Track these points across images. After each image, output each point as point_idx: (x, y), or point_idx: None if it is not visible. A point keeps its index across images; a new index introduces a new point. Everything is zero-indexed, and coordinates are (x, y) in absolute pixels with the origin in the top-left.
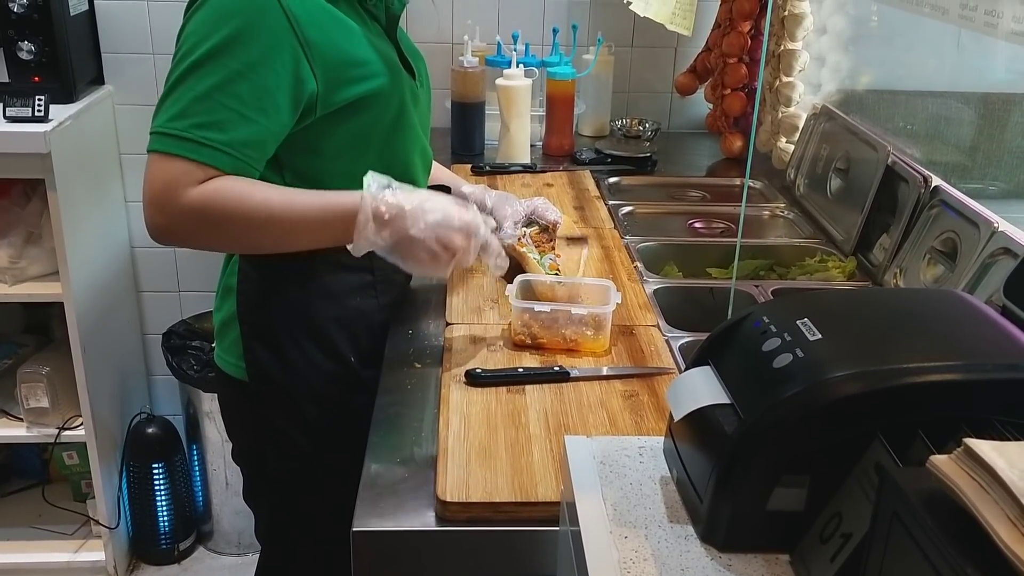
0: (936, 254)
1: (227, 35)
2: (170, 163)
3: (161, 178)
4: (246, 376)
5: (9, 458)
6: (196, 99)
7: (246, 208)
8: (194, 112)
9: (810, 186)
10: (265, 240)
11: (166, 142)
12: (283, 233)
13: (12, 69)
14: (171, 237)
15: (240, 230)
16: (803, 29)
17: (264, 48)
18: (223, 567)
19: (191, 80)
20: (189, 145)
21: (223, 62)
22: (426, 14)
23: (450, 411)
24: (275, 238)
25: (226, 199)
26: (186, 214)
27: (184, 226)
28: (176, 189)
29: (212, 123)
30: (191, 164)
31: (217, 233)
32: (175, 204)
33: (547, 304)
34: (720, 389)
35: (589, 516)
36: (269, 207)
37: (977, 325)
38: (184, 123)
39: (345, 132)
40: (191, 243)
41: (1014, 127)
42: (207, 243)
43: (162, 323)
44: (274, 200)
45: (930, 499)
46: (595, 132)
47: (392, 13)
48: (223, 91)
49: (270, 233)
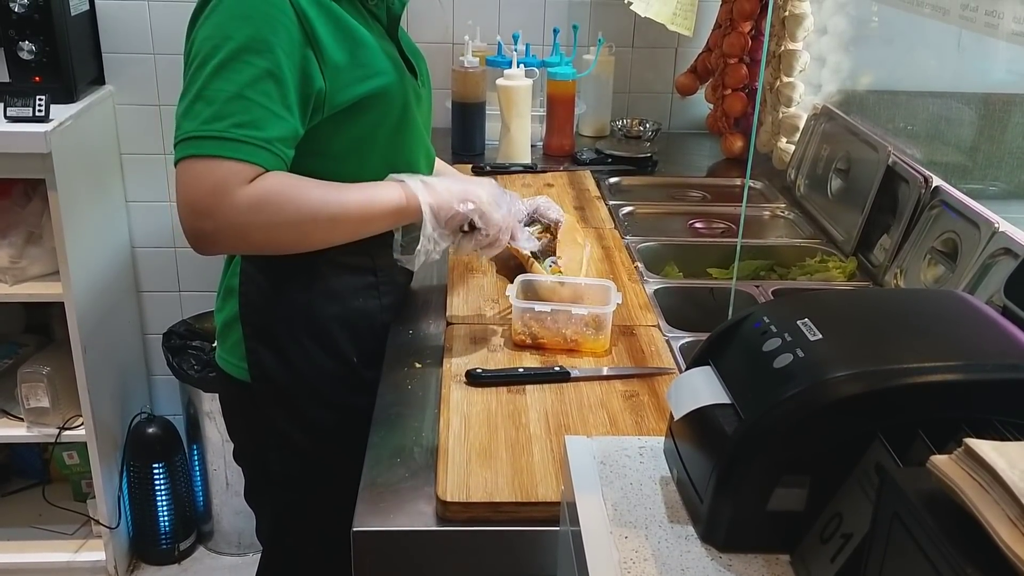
0: (936, 254)
1: (248, 36)
2: (215, 165)
3: (208, 181)
4: (248, 377)
5: (9, 458)
6: (230, 99)
7: (299, 201)
8: (230, 112)
9: (810, 186)
10: (317, 233)
11: (205, 145)
12: (336, 223)
13: (13, 69)
14: (219, 243)
15: (294, 225)
16: (804, 29)
17: (284, 47)
18: (223, 567)
19: (218, 82)
20: (233, 145)
21: (249, 61)
22: (426, 14)
23: (450, 411)
24: (328, 230)
25: (280, 193)
26: (239, 215)
27: (236, 228)
28: (226, 191)
29: (251, 122)
30: (240, 164)
31: (269, 231)
32: (226, 206)
33: (547, 304)
34: (720, 389)
35: (589, 516)
36: (321, 197)
37: (978, 325)
38: (222, 124)
39: (350, 133)
40: (239, 246)
41: (1014, 128)
42: (257, 244)
43: (163, 323)
44: (323, 189)
45: (930, 499)
46: (596, 132)
47: (393, 13)
48: (254, 89)
49: (323, 225)
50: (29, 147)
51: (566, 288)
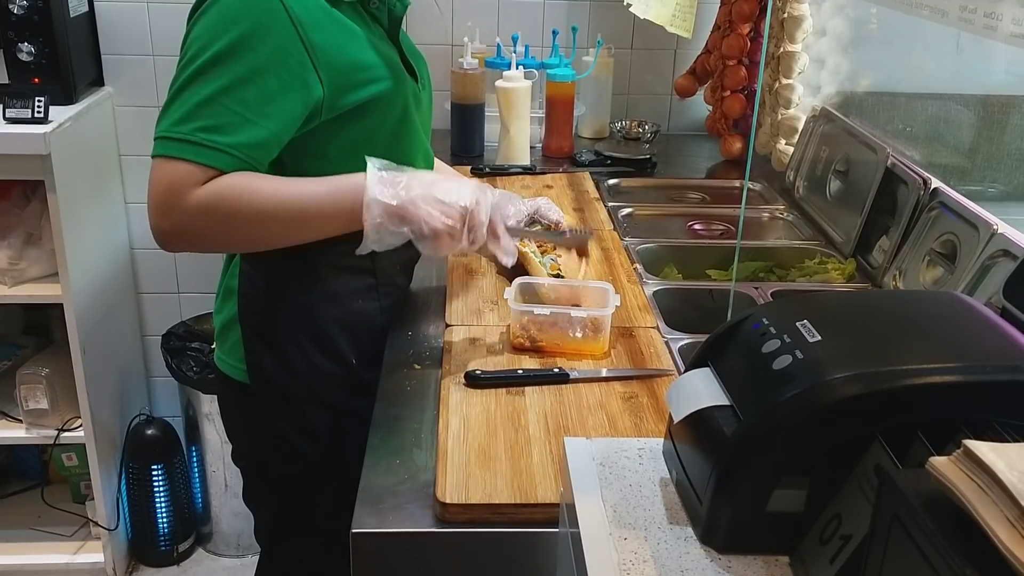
0: (935, 256)
1: (232, 40)
2: (174, 166)
3: (165, 181)
4: (247, 378)
5: (8, 459)
6: (201, 103)
7: (254, 199)
8: (198, 116)
9: (809, 188)
10: (274, 232)
11: (169, 146)
12: (292, 222)
13: (12, 70)
14: (178, 241)
15: (249, 224)
16: (802, 31)
17: (270, 53)
18: (222, 569)
19: (196, 85)
20: (193, 148)
21: (228, 67)
22: (427, 16)
23: (450, 413)
24: (285, 228)
25: (232, 193)
26: (193, 215)
27: (191, 228)
28: (180, 191)
29: (217, 126)
30: (195, 166)
31: (225, 230)
32: (180, 206)
33: (546, 307)
34: (720, 391)
35: (589, 518)
36: (277, 197)
37: (976, 327)
38: (188, 127)
39: (349, 136)
40: (199, 245)
41: (1013, 129)
42: (215, 243)
43: (161, 324)
44: (281, 190)
45: (929, 501)
46: (595, 134)
47: (394, 15)
48: (228, 95)
49: (279, 223)
50: (28, 148)
51: (564, 290)
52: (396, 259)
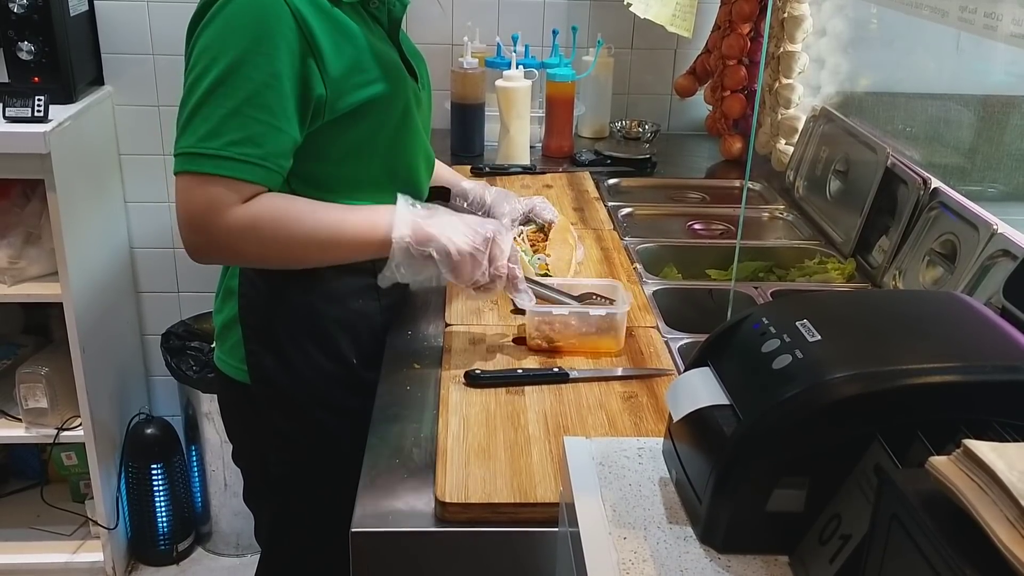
0: (935, 256)
1: (245, 48)
2: (210, 183)
3: (203, 200)
4: (247, 379)
5: (8, 459)
6: (227, 116)
7: (292, 222)
8: (228, 129)
9: (809, 188)
10: (309, 254)
11: (202, 163)
12: (328, 246)
13: (12, 69)
14: (213, 256)
15: (286, 246)
16: (803, 31)
17: (282, 56)
18: (222, 568)
19: (217, 96)
20: (228, 164)
21: (247, 75)
22: (427, 15)
23: (449, 412)
24: (319, 251)
25: (273, 216)
26: (232, 234)
27: (229, 246)
28: (220, 210)
29: (247, 138)
30: (233, 182)
31: (262, 250)
32: (220, 224)
33: (565, 307)
34: (719, 390)
35: (588, 517)
36: (315, 220)
37: (976, 327)
38: (219, 142)
39: (351, 137)
40: (233, 261)
41: (1013, 129)
42: (250, 260)
43: (161, 324)
44: (319, 213)
45: (929, 500)
46: (595, 134)
47: (394, 16)
48: (252, 104)
49: (315, 247)
50: (28, 147)
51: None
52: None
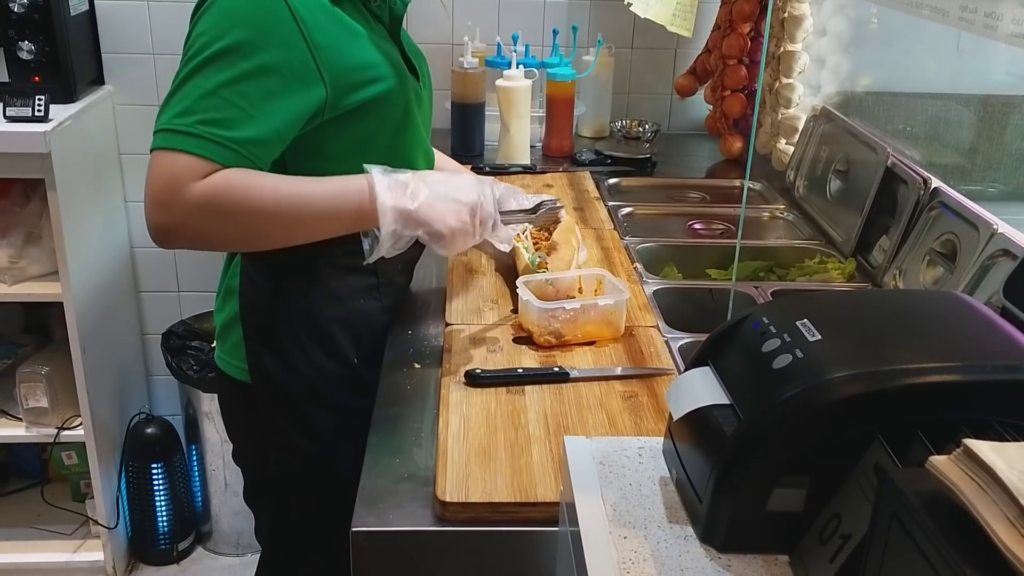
0: (935, 256)
1: (238, 38)
2: (173, 158)
3: (164, 174)
4: (248, 378)
5: (8, 458)
6: (203, 96)
7: (255, 197)
8: (200, 109)
9: (810, 188)
10: (274, 231)
11: (169, 138)
12: (293, 221)
13: (12, 69)
14: (175, 237)
15: (249, 222)
16: (803, 31)
17: (274, 52)
18: (222, 567)
19: (198, 78)
20: (194, 140)
21: (232, 62)
22: (427, 15)
23: (450, 412)
24: (285, 227)
25: (234, 189)
26: (191, 209)
27: (189, 223)
28: (179, 185)
29: (218, 120)
30: (195, 159)
31: (225, 227)
32: (179, 200)
33: (575, 301)
34: (720, 390)
35: (588, 517)
36: (277, 196)
37: (976, 326)
38: (189, 119)
39: (351, 135)
40: (196, 242)
41: (1013, 129)
42: (214, 240)
43: (161, 323)
44: (283, 189)
45: (929, 500)
46: (595, 133)
47: (395, 14)
48: (231, 89)
49: (280, 223)
50: (28, 147)
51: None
52: (397, 259)
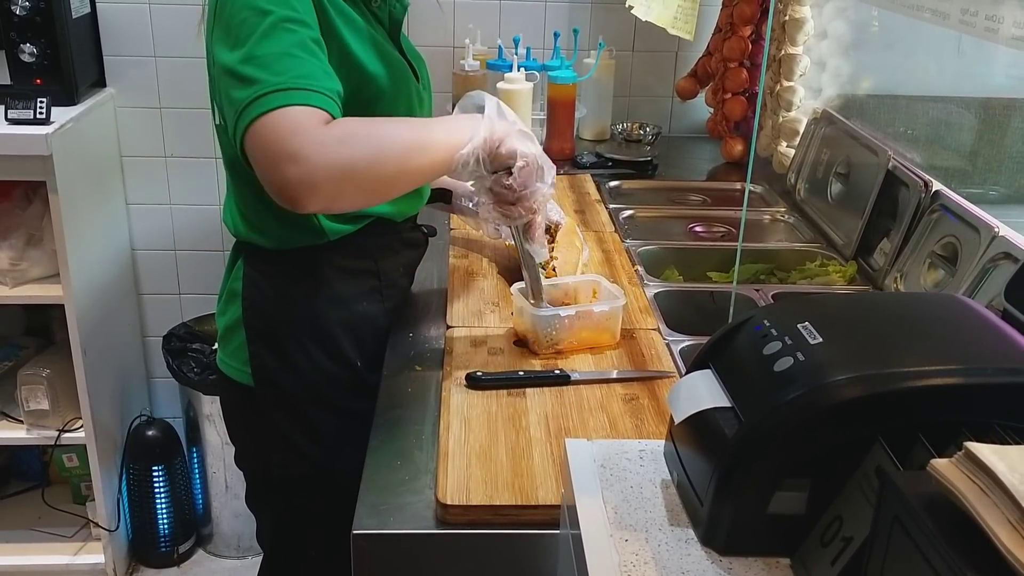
0: (937, 259)
1: (287, 12)
2: (283, 114)
3: (284, 128)
4: (251, 381)
5: (9, 460)
6: (280, 56)
7: (385, 135)
8: (286, 68)
9: (811, 190)
10: (409, 167)
11: (272, 99)
12: (422, 156)
13: (14, 71)
14: (311, 188)
15: (385, 158)
16: (804, 34)
17: (311, 25)
18: (223, 570)
19: (266, 46)
20: (301, 93)
21: (292, 28)
22: (428, 18)
23: (450, 414)
24: (417, 163)
25: (364, 127)
26: (328, 149)
27: (326, 165)
28: (307, 130)
29: (308, 74)
30: (309, 109)
31: (366, 165)
32: (312, 144)
33: (571, 307)
34: (721, 392)
35: (589, 519)
36: (398, 123)
37: (978, 329)
38: (284, 77)
39: None
40: (334, 189)
41: (1014, 132)
42: (352, 181)
43: (162, 326)
44: (409, 130)
45: (931, 503)
46: (596, 136)
47: (395, 17)
48: (303, 48)
49: (413, 159)
50: (30, 149)
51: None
52: (399, 261)
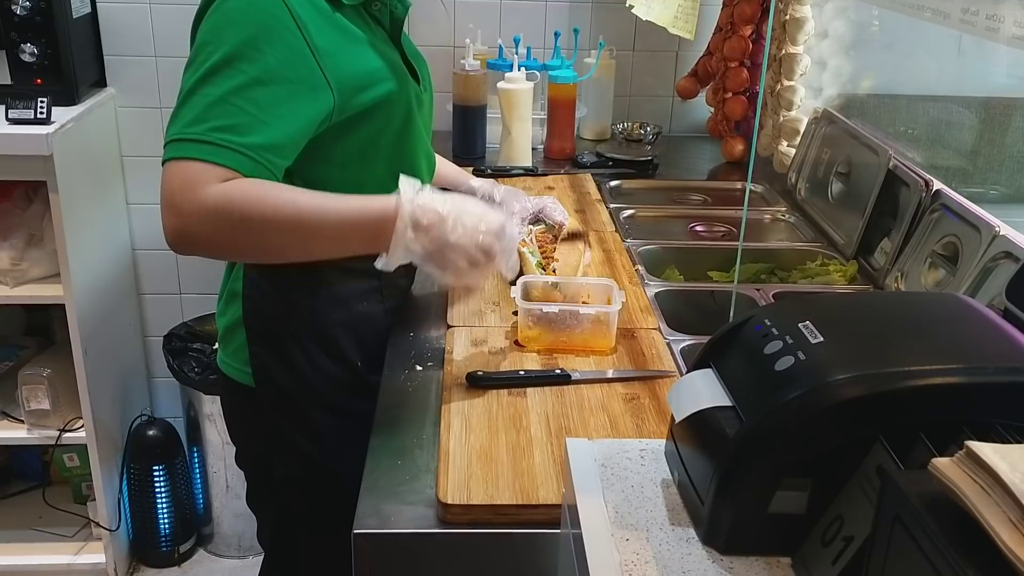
0: (937, 258)
1: (240, 42)
2: (188, 166)
3: (178, 179)
4: (252, 381)
5: (10, 460)
6: (212, 104)
7: (271, 207)
8: (211, 116)
9: (811, 190)
10: (291, 244)
11: (182, 147)
12: (310, 236)
13: (14, 71)
14: (190, 242)
15: (264, 232)
16: (804, 33)
17: (278, 56)
18: (223, 570)
19: (206, 87)
20: (207, 148)
21: (239, 67)
22: (428, 17)
23: (451, 414)
24: (302, 241)
25: (249, 197)
26: (206, 212)
27: (203, 228)
28: (194, 187)
29: (230, 126)
30: (209, 166)
31: (239, 235)
32: (193, 202)
33: (555, 304)
34: (722, 392)
35: (590, 519)
36: (297, 207)
37: (979, 328)
38: (201, 127)
39: (355, 139)
40: (211, 249)
41: (1015, 131)
42: (228, 248)
43: (163, 325)
44: (301, 200)
45: (932, 502)
46: (596, 136)
47: (396, 17)
48: (240, 95)
49: (296, 236)
50: (30, 149)
51: (568, 288)
52: None
